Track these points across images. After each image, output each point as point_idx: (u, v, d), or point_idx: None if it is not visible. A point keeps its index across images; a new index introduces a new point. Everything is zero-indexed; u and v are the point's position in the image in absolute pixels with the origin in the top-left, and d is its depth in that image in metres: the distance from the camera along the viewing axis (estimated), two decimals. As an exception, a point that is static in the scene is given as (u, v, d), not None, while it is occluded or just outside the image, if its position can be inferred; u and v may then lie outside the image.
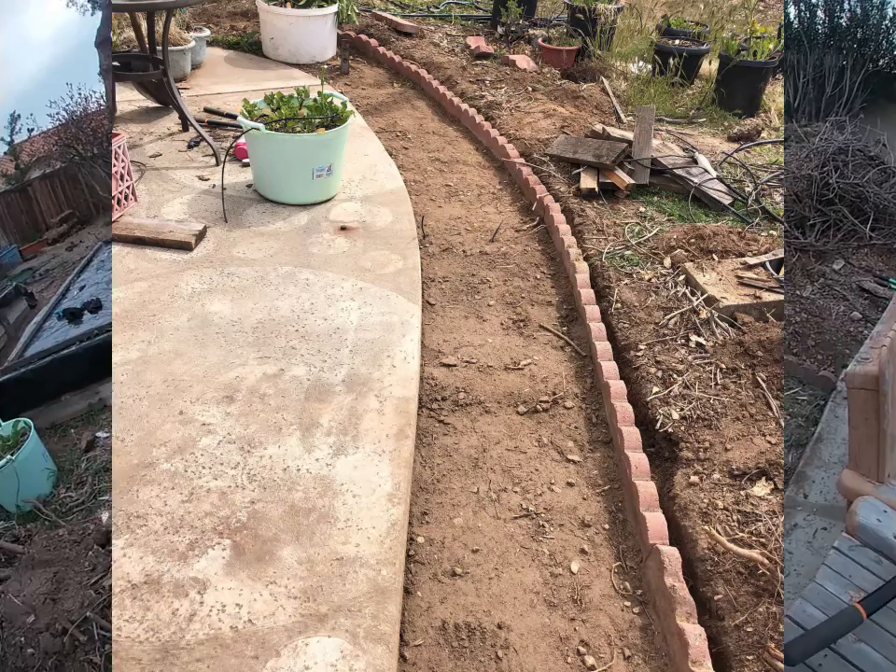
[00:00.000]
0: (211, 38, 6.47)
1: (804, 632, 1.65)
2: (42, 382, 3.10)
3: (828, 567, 1.83)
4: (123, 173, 3.77)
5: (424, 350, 3.10)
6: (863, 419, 1.89)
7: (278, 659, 1.79)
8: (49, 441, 2.86)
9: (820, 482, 2.75)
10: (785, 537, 2.32)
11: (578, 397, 2.91)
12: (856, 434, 1.96)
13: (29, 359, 3.22)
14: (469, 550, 2.28)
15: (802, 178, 4.33)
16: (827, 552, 1.90)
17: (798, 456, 2.85)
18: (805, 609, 1.73)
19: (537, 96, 5.55)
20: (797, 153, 4.66)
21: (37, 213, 8.46)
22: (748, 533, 2.16)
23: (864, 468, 1.98)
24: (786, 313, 3.61)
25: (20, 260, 7.54)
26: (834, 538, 1.99)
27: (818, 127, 5.24)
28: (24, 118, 10.00)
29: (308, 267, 3.42)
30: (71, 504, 2.54)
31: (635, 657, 2.01)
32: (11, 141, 11.94)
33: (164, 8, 4.26)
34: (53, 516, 2.49)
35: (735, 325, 3.06)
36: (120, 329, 2.94)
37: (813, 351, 3.49)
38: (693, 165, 4.40)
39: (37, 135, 11.63)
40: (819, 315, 3.69)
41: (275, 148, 3.83)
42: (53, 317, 3.61)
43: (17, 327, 4.76)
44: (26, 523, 2.51)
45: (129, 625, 1.85)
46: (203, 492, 2.23)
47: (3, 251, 7.85)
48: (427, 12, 7.80)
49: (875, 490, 1.96)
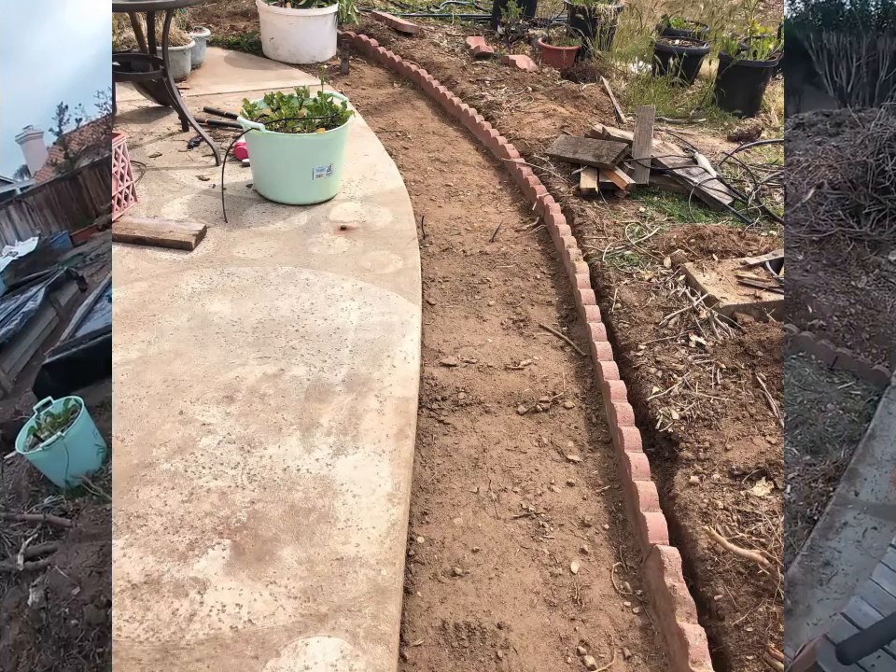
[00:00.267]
0: (211, 38, 6.47)
1: (858, 631, 1.61)
2: (92, 361, 3.18)
3: (885, 566, 1.80)
4: (123, 173, 3.77)
5: (424, 350, 3.10)
6: None
7: (278, 659, 1.79)
8: (100, 418, 2.89)
9: (872, 479, 2.69)
10: (836, 535, 2.29)
11: (578, 397, 2.91)
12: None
13: (80, 340, 3.30)
14: (469, 550, 2.28)
15: (856, 165, 4.20)
16: (884, 550, 1.85)
17: (850, 453, 2.80)
18: (860, 608, 1.70)
19: (537, 96, 5.55)
20: (852, 139, 4.56)
21: (87, 200, 8.74)
22: (748, 533, 2.16)
23: None
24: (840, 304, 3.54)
25: (70, 246, 7.71)
26: (886, 537, 1.95)
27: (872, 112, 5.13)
28: (72, 108, 10.08)
29: (308, 267, 3.42)
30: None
31: (635, 657, 2.01)
32: (60, 131, 12.10)
33: (164, 8, 4.26)
34: (101, 491, 2.52)
35: (734, 325, 3.06)
36: (120, 328, 2.94)
37: (867, 344, 3.42)
38: (693, 165, 4.40)
39: (86, 125, 11.78)
40: (874, 308, 3.60)
41: (275, 148, 3.83)
42: (104, 300, 3.68)
43: (68, 309, 4.82)
44: (75, 497, 2.56)
45: (129, 625, 1.85)
46: (203, 492, 2.23)
47: (54, 237, 8.02)
48: (427, 12, 7.80)
49: None
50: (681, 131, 5.27)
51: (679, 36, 6.29)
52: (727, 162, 4.71)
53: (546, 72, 6.11)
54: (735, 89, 5.69)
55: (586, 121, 5.06)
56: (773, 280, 3.27)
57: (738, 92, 5.69)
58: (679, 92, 5.92)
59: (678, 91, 5.90)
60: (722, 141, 5.20)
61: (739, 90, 5.69)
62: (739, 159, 4.77)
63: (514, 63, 6.18)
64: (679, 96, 5.89)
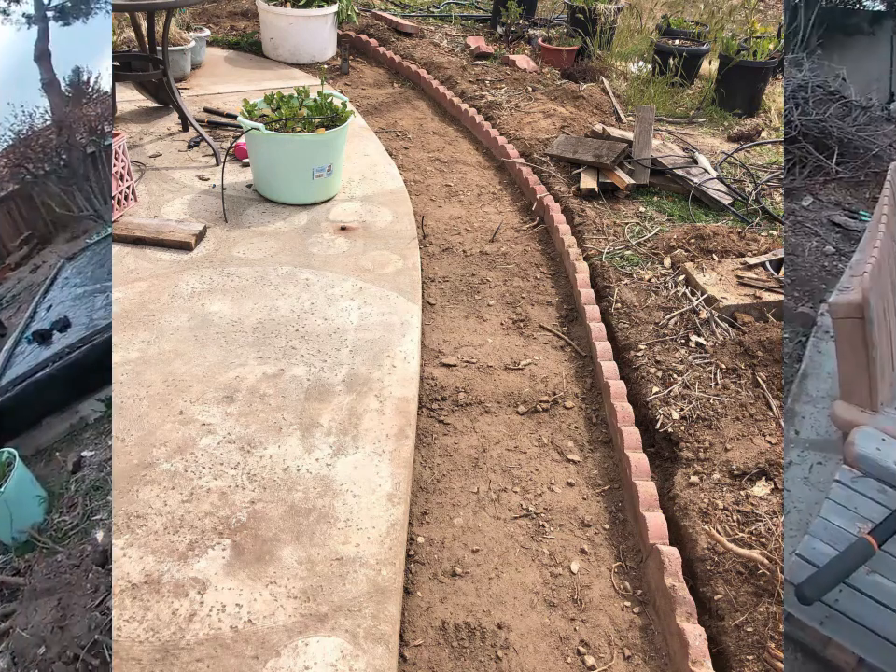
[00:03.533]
0: (211, 38, 6.47)
1: (815, 569, 1.59)
2: (21, 408, 3.00)
3: (832, 501, 1.79)
4: (123, 173, 3.77)
5: (424, 350, 3.10)
6: (851, 348, 1.85)
7: (278, 659, 1.79)
8: (36, 466, 2.80)
9: (810, 417, 2.71)
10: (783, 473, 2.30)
11: (578, 397, 2.91)
12: (845, 364, 1.92)
13: (5, 388, 3.08)
14: (469, 550, 2.28)
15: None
16: (829, 486, 1.84)
17: (785, 394, 2.81)
18: (813, 546, 1.68)
19: (537, 96, 5.55)
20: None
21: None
22: (748, 533, 2.16)
23: (856, 398, 1.93)
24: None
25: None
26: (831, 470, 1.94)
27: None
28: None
29: (308, 267, 3.42)
30: (66, 528, 2.50)
31: (635, 657, 2.01)
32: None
33: (164, 8, 4.26)
34: (50, 542, 2.44)
35: (735, 325, 3.06)
36: (120, 328, 2.94)
37: (789, 288, 3.44)
38: (693, 165, 4.40)
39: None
40: (793, 252, 3.64)
41: (275, 148, 3.83)
42: (23, 342, 3.44)
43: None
44: (24, 553, 2.47)
45: (129, 625, 1.85)
46: (203, 492, 2.23)
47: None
48: (427, 12, 7.80)
49: (871, 419, 1.91)
50: (681, 131, 5.27)
51: (679, 36, 6.29)
52: (727, 162, 4.71)
53: (546, 72, 6.11)
54: (734, 89, 5.69)
55: (586, 121, 5.06)
56: (773, 280, 3.27)
57: (738, 92, 5.70)
58: (679, 92, 5.92)
59: (678, 91, 5.91)
60: (722, 141, 5.21)
61: (739, 90, 5.69)
62: (739, 159, 4.77)
63: (514, 63, 6.18)
64: (679, 96, 5.89)
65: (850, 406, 1.95)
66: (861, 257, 1.97)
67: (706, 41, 6.19)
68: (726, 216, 4.06)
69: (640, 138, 4.34)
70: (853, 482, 1.82)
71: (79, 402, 3.07)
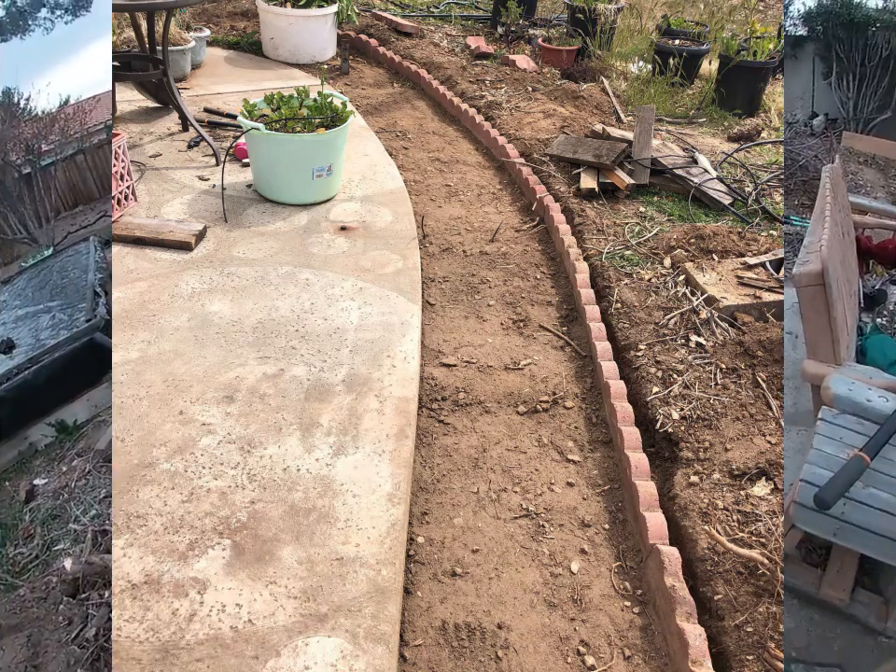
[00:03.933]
0: (211, 38, 6.47)
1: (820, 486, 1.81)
2: None
3: (821, 435, 2.01)
4: (123, 173, 3.77)
5: (424, 350, 3.10)
6: (815, 312, 2.09)
7: (278, 659, 1.79)
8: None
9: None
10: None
11: (578, 397, 2.92)
12: (810, 327, 2.16)
13: None
14: (469, 550, 2.28)
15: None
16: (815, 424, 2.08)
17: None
18: (814, 471, 1.89)
19: (537, 96, 5.55)
20: None
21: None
22: (748, 533, 2.16)
23: (822, 356, 2.18)
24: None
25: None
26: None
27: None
28: None
29: (308, 267, 3.42)
30: (24, 561, 2.37)
31: (635, 657, 2.01)
32: None
33: (164, 8, 4.26)
34: (8, 577, 2.31)
35: (734, 325, 3.06)
36: (120, 328, 2.94)
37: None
38: (693, 165, 4.40)
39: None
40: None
41: (275, 148, 3.83)
42: None
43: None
44: None
45: (129, 625, 1.85)
46: (203, 492, 2.23)
47: None
48: (427, 12, 7.80)
49: (837, 371, 2.16)
50: (681, 131, 5.27)
51: (679, 36, 6.29)
52: (727, 162, 4.71)
53: (546, 72, 6.11)
54: (734, 89, 5.70)
55: (586, 121, 5.06)
56: (773, 280, 3.27)
57: (738, 92, 5.70)
58: (679, 92, 5.92)
59: (678, 91, 5.91)
60: (722, 141, 5.21)
61: (739, 90, 5.70)
62: (739, 159, 4.77)
63: (514, 63, 6.18)
64: (679, 96, 5.90)
65: (817, 363, 2.19)
66: (813, 238, 2.22)
67: (706, 41, 6.19)
68: (726, 216, 4.06)
69: (640, 138, 4.34)
70: (834, 418, 2.06)
71: (27, 428, 2.93)
